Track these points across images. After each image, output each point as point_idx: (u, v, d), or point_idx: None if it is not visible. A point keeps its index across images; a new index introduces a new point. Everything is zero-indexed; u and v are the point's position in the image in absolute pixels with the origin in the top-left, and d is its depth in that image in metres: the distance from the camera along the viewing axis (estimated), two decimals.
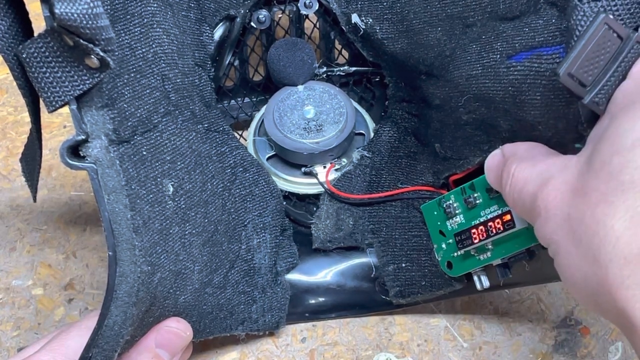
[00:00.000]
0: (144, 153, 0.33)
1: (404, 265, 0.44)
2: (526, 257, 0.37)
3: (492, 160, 0.34)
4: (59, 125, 0.55)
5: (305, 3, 0.48)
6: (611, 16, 0.28)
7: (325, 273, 0.46)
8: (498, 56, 0.36)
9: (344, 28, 0.48)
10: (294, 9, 0.49)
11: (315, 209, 0.47)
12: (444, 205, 0.41)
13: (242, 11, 0.47)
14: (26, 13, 0.30)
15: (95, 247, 0.48)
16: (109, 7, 0.32)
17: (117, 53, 0.28)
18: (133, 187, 0.31)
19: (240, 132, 0.51)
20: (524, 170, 0.30)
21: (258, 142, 0.49)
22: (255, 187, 0.44)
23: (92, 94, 0.29)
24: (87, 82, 0.29)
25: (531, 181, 0.29)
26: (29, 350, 0.34)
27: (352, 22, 0.46)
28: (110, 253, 0.30)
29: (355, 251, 0.46)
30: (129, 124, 0.32)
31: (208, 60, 0.44)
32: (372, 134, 0.50)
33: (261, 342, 0.44)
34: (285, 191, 0.48)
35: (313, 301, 0.45)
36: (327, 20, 0.49)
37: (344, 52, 0.51)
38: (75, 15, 0.26)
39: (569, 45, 0.28)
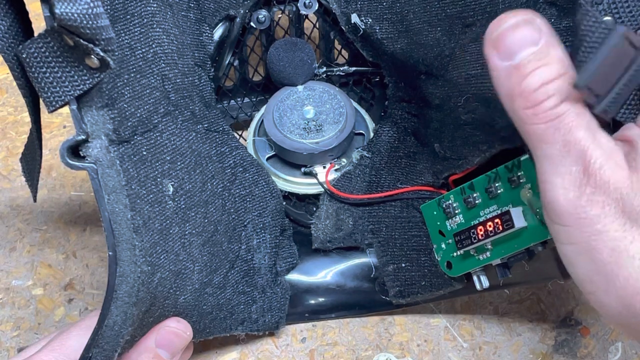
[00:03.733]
0: (144, 153, 0.33)
1: (403, 265, 0.44)
2: (525, 257, 0.37)
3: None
4: (59, 125, 0.55)
5: (304, 3, 0.48)
6: (623, 26, 0.28)
7: (325, 273, 0.46)
8: None
9: (343, 28, 0.47)
10: (294, 9, 0.49)
11: (315, 209, 0.47)
12: (444, 205, 0.41)
13: (242, 11, 0.47)
14: (26, 13, 0.30)
15: (95, 247, 0.48)
16: (108, 7, 0.32)
17: (117, 53, 0.28)
18: (133, 187, 0.32)
19: (240, 132, 0.51)
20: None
21: (258, 142, 0.49)
22: (255, 187, 0.44)
23: (92, 94, 0.29)
24: (87, 82, 0.29)
25: (578, 122, 0.26)
26: (30, 350, 0.34)
27: (352, 22, 0.46)
28: (110, 253, 0.30)
29: (355, 251, 0.46)
30: (129, 124, 0.32)
31: (208, 60, 0.44)
32: (371, 134, 0.50)
33: (261, 342, 0.44)
34: (285, 191, 0.48)
35: (313, 301, 0.45)
36: (327, 20, 0.49)
37: (343, 52, 0.51)
38: (76, 15, 0.26)
39: (578, 51, 0.28)
